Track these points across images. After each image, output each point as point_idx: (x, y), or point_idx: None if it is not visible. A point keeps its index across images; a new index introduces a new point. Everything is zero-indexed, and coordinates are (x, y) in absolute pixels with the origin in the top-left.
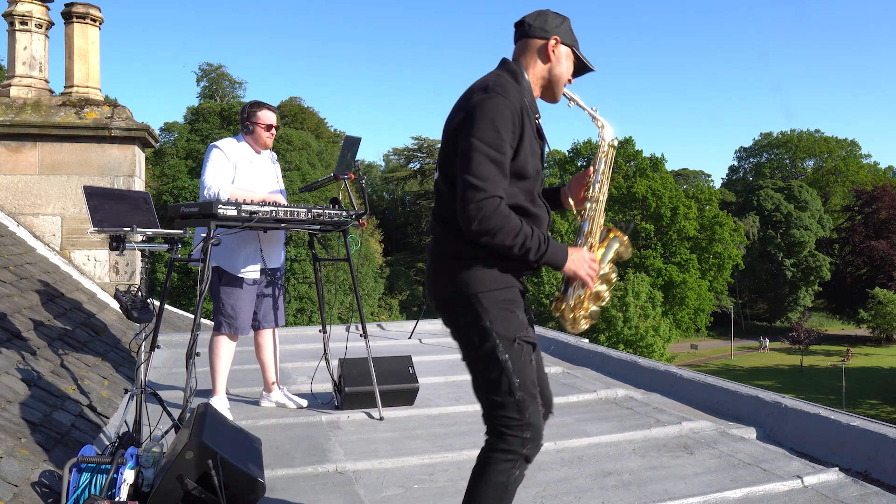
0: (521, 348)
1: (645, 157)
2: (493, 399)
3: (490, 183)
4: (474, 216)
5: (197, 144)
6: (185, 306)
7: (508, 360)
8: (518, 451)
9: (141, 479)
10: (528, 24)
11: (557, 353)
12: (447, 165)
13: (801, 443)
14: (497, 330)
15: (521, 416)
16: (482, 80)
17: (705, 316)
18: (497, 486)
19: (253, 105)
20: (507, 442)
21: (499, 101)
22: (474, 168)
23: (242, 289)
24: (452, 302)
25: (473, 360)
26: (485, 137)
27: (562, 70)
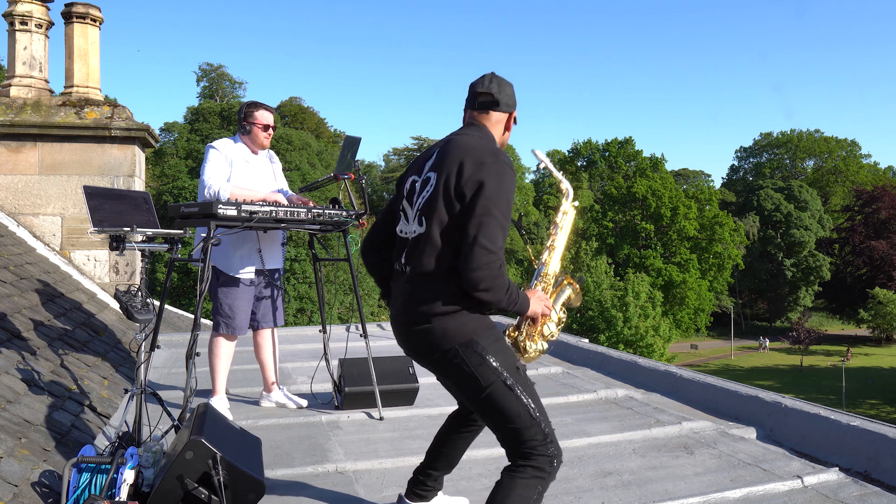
0: (523, 373)
1: (645, 157)
2: (515, 428)
3: (498, 248)
4: (483, 276)
5: (197, 144)
6: (185, 306)
7: (518, 386)
8: (545, 468)
9: (141, 479)
10: (496, 100)
11: (557, 353)
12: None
13: (801, 443)
14: (501, 363)
15: (544, 434)
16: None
17: (705, 316)
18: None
19: (250, 105)
20: (537, 461)
21: (510, 175)
22: (489, 232)
23: (239, 288)
24: (450, 353)
25: (486, 399)
26: (501, 207)
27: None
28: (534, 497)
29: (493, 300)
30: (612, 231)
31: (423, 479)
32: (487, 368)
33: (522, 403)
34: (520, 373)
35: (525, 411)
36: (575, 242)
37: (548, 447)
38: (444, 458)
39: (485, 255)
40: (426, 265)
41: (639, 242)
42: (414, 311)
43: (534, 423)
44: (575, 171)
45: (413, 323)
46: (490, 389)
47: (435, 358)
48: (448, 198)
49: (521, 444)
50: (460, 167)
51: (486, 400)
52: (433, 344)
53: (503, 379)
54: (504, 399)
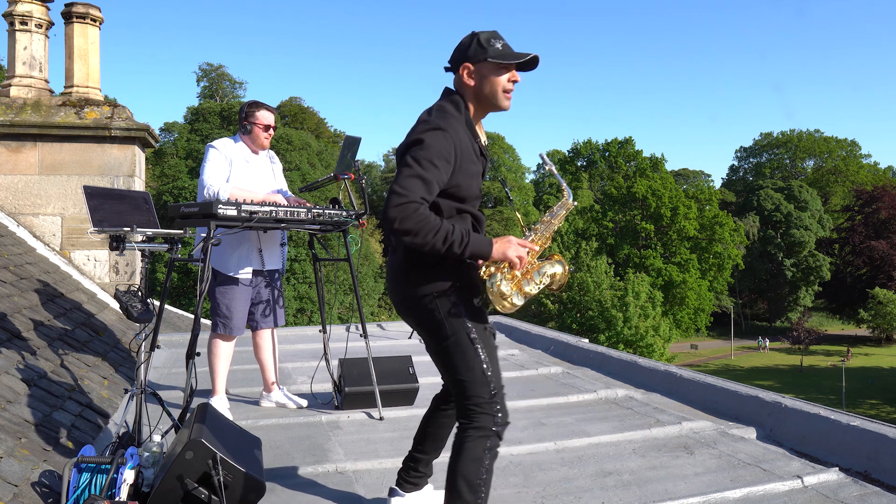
0: (489, 335)
1: (645, 157)
2: (465, 381)
3: (411, 192)
4: (394, 216)
5: (197, 144)
6: (185, 306)
7: (479, 342)
8: (489, 427)
9: (141, 479)
10: (449, 65)
11: (557, 353)
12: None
13: (801, 443)
14: (469, 318)
15: (491, 395)
16: (428, 110)
17: (705, 316)
18: (473, 462)
19: (251, 105)
20: (479, 420)
21: (437, 133)
22: (401, 181)
23: (237, 289)
24: (422, 301)
25: (448, 346)
26: (419, 158)
27: (490, 86)
28: (484, 454)
29: (421, 242)
30: (612, 231)
31: (412, 464)
32: (455, 319)
33: (479, 359)
34: (486, 332)
35: (479, 367)
36: (575, 242)
37: (492, 406)
38: (429, 438)
39: (395, 198)
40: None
41: (639, 242)
42: (398, 269)
43: (485, 380)
44: (575, 171)
45: (392, 278)
46: (453, 338)
47: (412, 303)
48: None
49: (466, 398)
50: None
51: (447, 347)
52: (412, 291)
53: (467, 331)
54: (463, 350)
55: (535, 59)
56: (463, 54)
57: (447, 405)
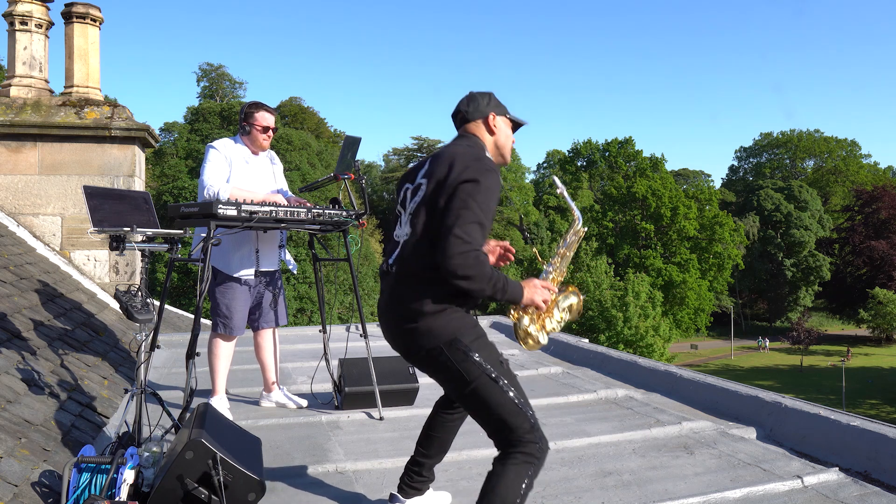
0: (506, 367)
1: (645, 157)
2: (501, 419)
3: (474, 240)
4: (459, 264)
5: (197, 144)
6: (185, 306)
7: (502, 378)
8: (534, 454)
9: (141, 479)
10: (465, 112)
11: (557, 353)
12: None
13: (801, 443)
14: (484, 358)
15: (531, 423)
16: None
17: (705, 316)
18: (513, 488)
19: (251, 106)
20: (525, 447)
21: (492, 176)
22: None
23: (237, 289)
24: (435, 352)
25: (472, 392)
26: (479, 202)
27: (505, 138)
28: (525, 481)
29: (476, 288)
30: (612, 231)
31: (415, 469)
32: (471, 364)
33: (507, 395)
34: (503, 366)
35: (510, 402)
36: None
37: (534, 434)
38: (435, 442)
39: (459, 244)
40: (411, 266)
41: (639, 242)
42: (399, 309)
43: (519, 412)
44: (575, 171)
45: (399, 321)
46: (475, 383)
47: (421, 356)
48: (434, 201)
49: (508, 432)
50: (448, 171)
51: (472, 393)
52: (418, 342)
53: (487, 372)
54: (489, 391)
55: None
56: (486, 106)
57: (451, 408)
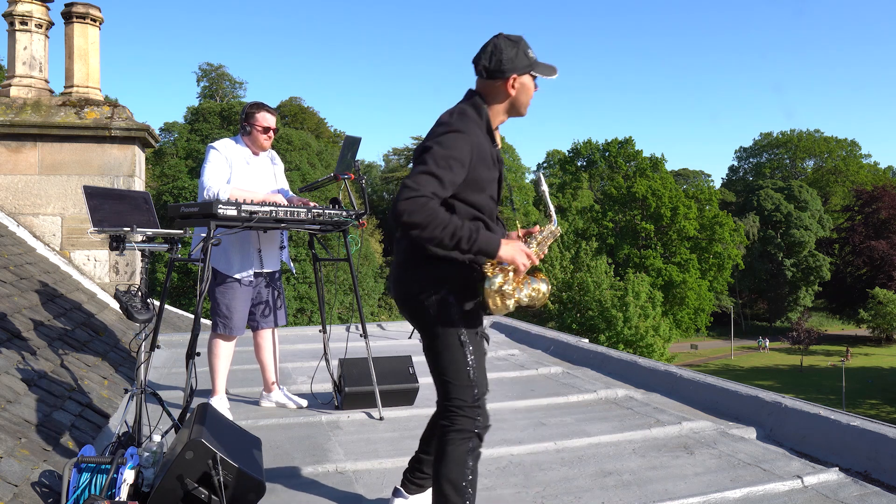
0: (479, 337)
1: (645, 157)
2: (450, 382)
3: (422, 186)
4: (403, 209)
5: (197, 144)
6: (185, 306)
7: (469, 346)
8: (470, 429)
9: (141, 479)
10: (485, 69)
11: (557, 353)
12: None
13: (801, 443)
14: (463, 321)
15: (474, 398)
16: (450, 110)
17: (705, 316)
18: (457, 465)
19: (252, 106)
20: (460, 423)
21: (457, 135)
22: (414, 176)
23: (237, 289)
24: (418, 298)
25: (437, 344)
26: (436, 157)
27: (526, 96)
28: (467, 455)
29: (428, 236)
30: (612, 231)
31: (417, 465)
32: (447, 319)
33: (466, 362)
34: (477, 337)
35: (465, 370)
36: (575, 242)
37: (474, 410)
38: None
39: (405, 191)
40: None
41: (639, 242)
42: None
43: (469, 383)
44: (575, 171)
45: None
46: (443, 338)
47: (409, 300)
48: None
49: (448, 400)
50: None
51: (436, 346)
52: (405, 287)
53: (459, 333)
54: (452, 351)
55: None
56: (513, 64)
57: None
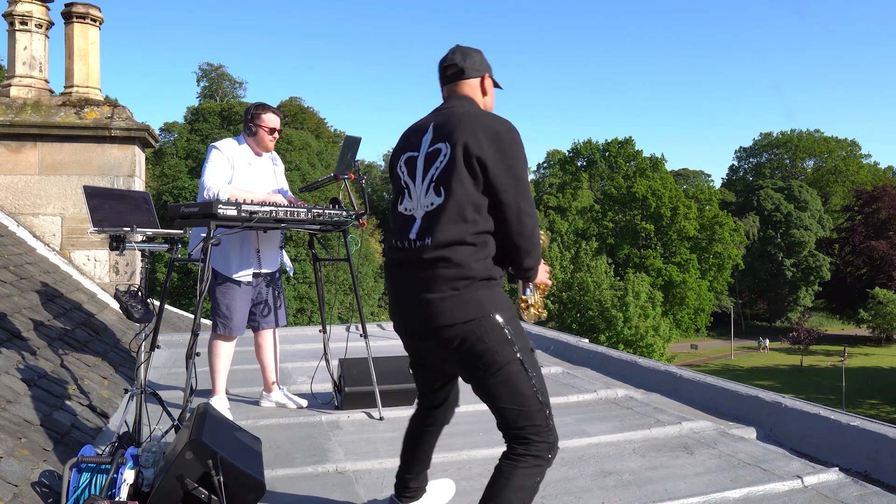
0: (535, 357)
1: (645, 157)
2: (521, 412)
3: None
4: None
5: (197, 144)
6: (185, 306)
7: (532, 369)
8: (544, 456)
9: (141, 479)
10: (461, 68)
11: (557, 353)
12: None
13: (801, 443)
14: (519, 342)
15: (547, 423)
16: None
17: (705, 316)
18: (523, 490)
19: (257, 107)
20: (536, 448)
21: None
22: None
23: (237, 289)
24: (473, 324)
25: (500, 376)
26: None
27: (492, 100)
28: (533, 486)
29: (535, 264)
30: (612, 231)
31: (405, 481)
32: (507, 345)
33: (533, 387)
34: (533, 355)
35: (534, 395)
36: (575, 242)
37: (548, 435)
38: (416, 460)
39: (531, 220)
40: (453, 233)
41: (639, 242)
42: (438, 280)
43: (540, 408)
44: (575, 171)
45: (436, 292)
46: (506, 367)
47: (452, 331)
48: (470, 165)
49: (522, 428)
50: (475, 135)
51: (499, 378)
52: (456, 313)
53: (520, 358)
54: (518, 379)
55: None
56: (483, 65)
57: (427, 425)
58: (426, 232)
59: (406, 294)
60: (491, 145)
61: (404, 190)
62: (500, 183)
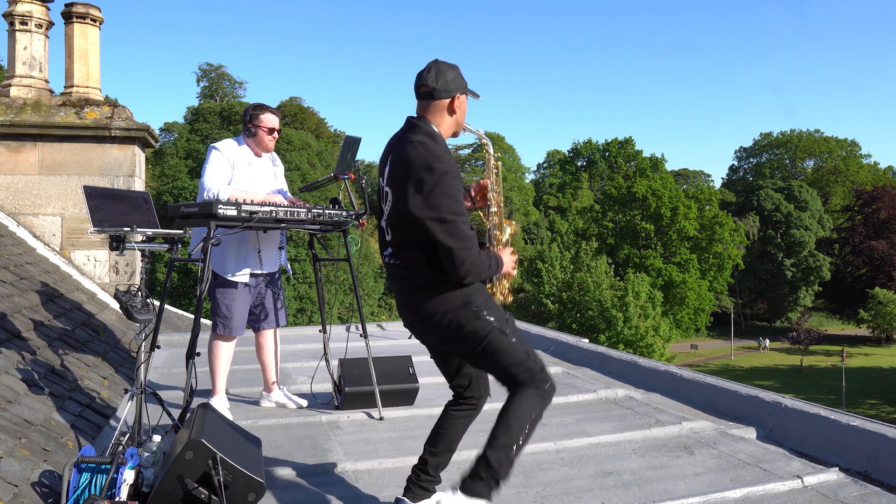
0: (512, 324)
1: (645, 157)
2: (513, 365)
3: (470, 241)
4: (467, 272)
5: (197, 144)
6: (185, 306)
7: (511, 333)
8: (542, 388)
9: (141, 479)
10: (432, 89)
11: (557, 353)
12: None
13: (801, 443)
14: (494, 317)
15: (539, 367)
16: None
17: (705, 316)
18: (526, 409)
19: (256, 108)
20: (534, 383)
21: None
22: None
23: (237, 290)
24: (449, 314)
25: (485, 347)
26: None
27: (463, 115)
28: (536, 412)
29: (480, 280)
30: (612, 231)
31: (422, 468)
32: (483, 322)
33: (516, 345)
34: (510, 323)
35: (519, 351)
36: (575, 242)
37: (543, 373)
38: (441, 439)
39: (461, 251)
40: (409, 261)
41: (639, 242)
42: (414, 291)
43: (528, 359)
44: (575, 171)
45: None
46: (488, 338)
47: (436, 320)
48: (404, 214)
49: (519, 374)
50: (405, 186)
51: (484, 348)
52: (434, 309)
53: (497, 327)
54: (500, 343)
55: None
56: (455, 84)
57: (459, 406)
58: (394, 256)
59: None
60: (417, 198)
61: (383, 210)
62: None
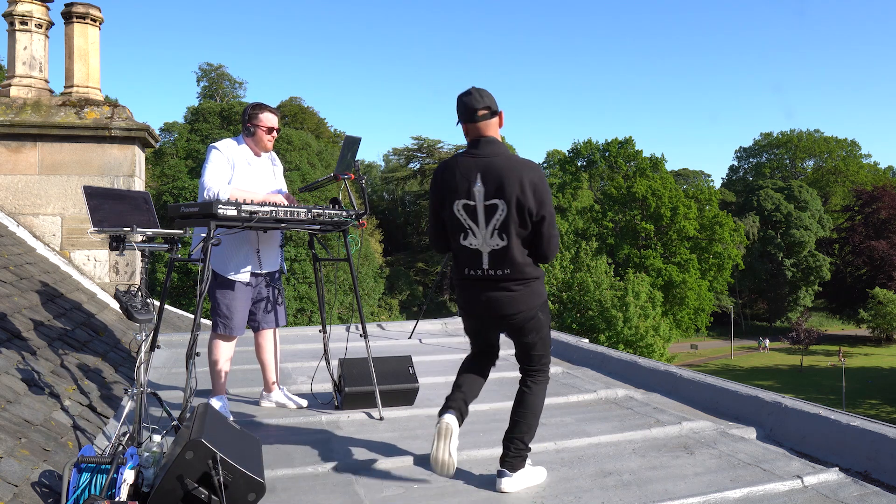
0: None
1: (645, 157)
2: (544, 354)
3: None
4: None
5: (197, 144)
6: (185, 306)
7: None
8: (547, 375)
9: (141, 479)
10: (493, 110)
11: (557, 353)
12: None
13: (801, 443)
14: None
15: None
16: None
17: (705, 316)
18: (542, 399)
19: (255, 107)
20: (545, 370)
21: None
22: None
23: (237, 289)
24: (535, 309)
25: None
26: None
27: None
28: (544, 397)
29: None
30: (612, 231)
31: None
32: (547, 318)
33: (550, 334)
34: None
35: (551, 345)
36: (575, 242)
37: (549, 363)
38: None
39: (555, 240)
40: (516, 268)
41: (639, 242)
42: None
43: (550, 351)
44: (575, 171)
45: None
46: (546, 330)
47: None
48: (522, 218)
49: (540, 363)
50: (523, 191)
51: (543, 337)
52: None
53: (549, 325)
54: (548, 338)
55: None
56: (495, 103)
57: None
58: (496, 265)
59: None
60: (534, 196)
61: (468, 231)
62: (539, 220)
